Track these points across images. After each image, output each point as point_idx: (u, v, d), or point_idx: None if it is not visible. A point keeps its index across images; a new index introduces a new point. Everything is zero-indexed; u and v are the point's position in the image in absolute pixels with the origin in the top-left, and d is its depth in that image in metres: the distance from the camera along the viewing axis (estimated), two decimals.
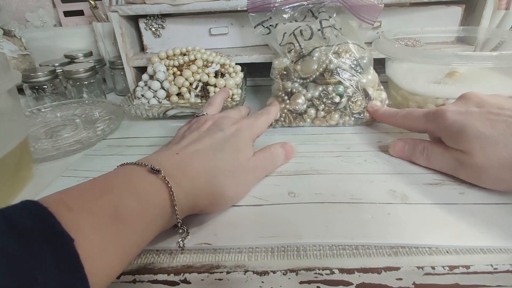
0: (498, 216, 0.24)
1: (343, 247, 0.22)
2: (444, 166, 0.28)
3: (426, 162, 0.29)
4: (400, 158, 0.32)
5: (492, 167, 0.25)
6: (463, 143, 0.26)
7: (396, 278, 0.21)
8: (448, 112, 0.27)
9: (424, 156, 0.29)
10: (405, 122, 0.32)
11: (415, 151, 0.30)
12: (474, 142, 0.25)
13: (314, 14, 0.43)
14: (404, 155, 0.31)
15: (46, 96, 0.50)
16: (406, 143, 0.31)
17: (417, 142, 0.30)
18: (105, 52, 0.60)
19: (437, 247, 0.22)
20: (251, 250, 0.22)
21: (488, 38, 0.46)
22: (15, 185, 0.30)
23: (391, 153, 0.32)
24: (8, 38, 0.57)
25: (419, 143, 0.30)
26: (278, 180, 0.29)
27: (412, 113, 0.31)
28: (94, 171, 0.32)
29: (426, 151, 0.29)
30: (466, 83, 0.38)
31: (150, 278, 0.21)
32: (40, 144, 0.39)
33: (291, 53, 0.40)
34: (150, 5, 0.46)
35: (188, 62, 0.43)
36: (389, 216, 0.24)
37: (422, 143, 0.30)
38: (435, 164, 0.29)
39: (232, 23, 0.49)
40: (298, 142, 0.36)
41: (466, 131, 0.26)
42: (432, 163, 0.29)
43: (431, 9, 0.47)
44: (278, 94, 0.39)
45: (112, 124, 0.42)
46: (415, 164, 0.30)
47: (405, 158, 0.31)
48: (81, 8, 0.66)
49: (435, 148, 0.29)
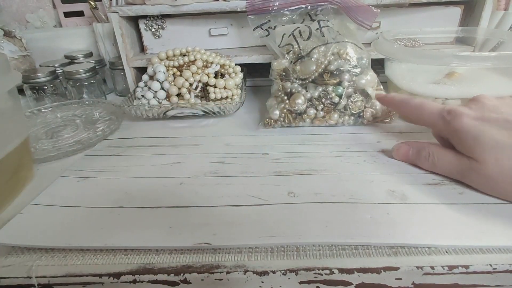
0: (497, 216, 0.24)
1: (342, 247, 0.22)
2: (451, 172, 0.28)
3: (431, 167, 0.29)
4: (404, 162, 0.31)
5: (504, 179, 0.24)
6: (477, 151, 0.25)
7: (396, 278, 0.21)
8: (464, 116, 0.26)
9: (430, 162, 0.29)
10: (415, 112, 0.31)
11: (419, 156, 0.29)
12: (489, 151, 0.24)
13: (312, 18, 0.43)
14: (408, 159, 0.30)
15: (47, 96, 0.50)
16: (410, 146, 0.30)
17: (422, 147, 0.29)
18: (105, 52, 0.61)
19: (437, 247, 0.22)
20: (251, 250, 0.22)
21: (487, 39, 0.46)
22: (16, 185, 0.30)
23: (394, 157, 0.31)
24: (8, 38, 0.57)
25: (424, 148, 0.29)
26: (278, 180, 0.29)
27: (425, 106, 0.30)
28: (94, 171, 0.32)
29: (432, 157, 0.28)
30: (465, 83, 0.38)
31: (150, 278, 0.21)
32: (41, 144, 0.39)
33: (290, 54, 0.40)
34: (150, 6, 0.46)
35: (188, 63, 0.43)
36: (389, 216, 0.24)
37: (427, 148, 0.29)
38: (440, 170, 0.28)
39: (231, 24, 0.49)
40: (298, 142, 0.36)
41: (482, 139, 0.24)
42: (437, 169, 0.28)
43: (430, 10, 0.47)
44: (278, 94, 0.40)
45: (112, 124, 0.42)
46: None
47: (409, 162, 0.31)
48: (81, 9, 0.66)
49: (441, 154, 0.28)
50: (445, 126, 0.28)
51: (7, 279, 0.21)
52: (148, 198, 0.28)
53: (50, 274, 0.22)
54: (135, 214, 0.26)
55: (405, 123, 0.40)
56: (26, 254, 0.23)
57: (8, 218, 0.26)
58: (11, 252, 0.23)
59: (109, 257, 0.23)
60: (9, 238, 0.24)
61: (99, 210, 0.26)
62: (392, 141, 0.35)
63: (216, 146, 0.36)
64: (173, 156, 0.34)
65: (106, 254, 0.23)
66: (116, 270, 0.21)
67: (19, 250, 0.24)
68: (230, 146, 0.36)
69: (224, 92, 0.43)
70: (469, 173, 0.26)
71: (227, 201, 0.27)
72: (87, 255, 0.23)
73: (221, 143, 0.37)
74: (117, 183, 0.30)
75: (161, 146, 0.37)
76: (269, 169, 0.31)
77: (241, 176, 0.30)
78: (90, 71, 0.51)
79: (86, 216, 0.26)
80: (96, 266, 0.22)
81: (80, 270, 0.22)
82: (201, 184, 0.29)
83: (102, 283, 0.21)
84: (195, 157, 0.34)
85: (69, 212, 0.26)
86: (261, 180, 0.29)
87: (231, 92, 0.43)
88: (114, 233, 0.24)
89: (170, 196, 0.28)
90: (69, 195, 0.29)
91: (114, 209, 0.26)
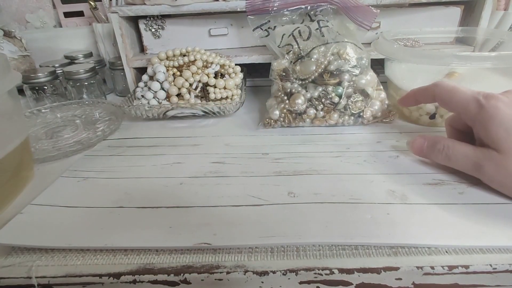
0: (497, 216, 0.24)
1: (342, 247, 0.22)
2: (465, 165, 0.27)
3: (445, 160, 0.28)
4: (418, 155, 0.31)
5: None
6: (504, 140, 0.24)
7: (396, 278, 0.21)
8: (501, 103, 0.25)
9: (444, 155, 0.28)
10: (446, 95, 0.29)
11: (434, 149, 0.29)
12: None
13: (312, 18, 0.43)
14: (423, 152, 0.30)
15: (46, 97, 0.50)
16: (425, 140, 0.30)
17: (438, 140, 0.29)
18: (105, 53, 0.61)
19: (437, 247, 0.22)
20: (251, 250, 0.23)
21: (487, 39, 0.46)
22: (16, 185, 0.30)
23: (410, 150, 0.31)
24: (8, 39, 0.57)
25: (439, 141, 0.29)
26: (278, 180, 0.29)
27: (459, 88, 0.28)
28: (94, 171, 0.32)
29: (447, 150, 0.28)
30: (465, 83, 0.38)
31: (150, 278, 0.21)
32: (41, 144, 0.39)
33: (290, 54, 0.40)
34: (150, 6, 0.46)
35: (188, 63, 0.43)
36: (389, 216, 0.24)
37: (442, 141, 0.29)
38: (454, 163, 0.28)
39: (231, 24, 0.49)
40: (298, 142, 0.36)
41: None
42: (451, 162, 0.28)
43: (430, 10, 0.47)
44: (278, 94, 0.40)
45: (112, 124, 0.42)
46: (418, 163, 0.30)
47: (423, 156, 0.31)
48: (81, 9, 0.66)
49: (457, 147, 0.28)
50: (476, 109, 0.26)
51: (7, 279, 0.21)
52: (148, 198, 0.28)
53: (50, 275, 0.22)
54: (135, 214, 0.26)
55: (405, 123, 0.40)
56: (26, 254, 0.23)
57: (8, 218, 0.26)
58: (11, 252, 0.23)
59: (109, 257, 0.23)
60: (9, 238, 0.24)
61: (99, 210, 0.26)
62: (392, 141, 0.35)
63: (216, 146, 0.36)
64: (173, 156, 0.34)
65: (106, 254, 0.23)
66: (116, 270, 0.21)
67: (19, 250, 0.24)
68: (230, 146, 0.36)
69: (224, 92, 0.43)
70: (485, 164, 0.25)
71: (227, 201, 0.27)
72: (87, 255, 0.23)
73: (221, 143, 0.37)
74: (117, 183, 0.30)
75: (161, 146, 0.37)
76: (269, 169, 0.31)
77: (241, 176, 0.30)
78: (90, 71, 0.51)
79: (86, 216, 0.26)
80: (96, 266, 0.22)
81: (80, 270, 0.22)
82: (201, 184, 0.29)
83: (102, 283, 0.21)
84: (195, 157, 0.34)
85: (69, 212, 0.26)
86: (261, 180, 0.29)
87: (231, 92, 0.43)
88: (114, 233, 0.24)
89: (170, 196, 0.28)
90: (69, 195, 0.29)
91: (114, 209, 0.26)
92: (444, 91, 0.29)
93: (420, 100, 0.33)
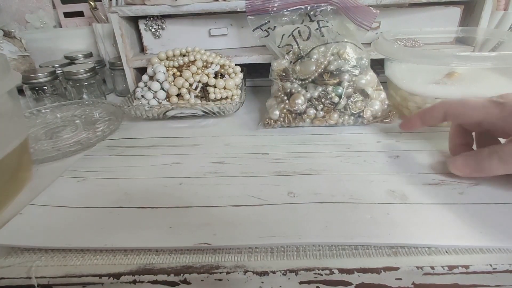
0: (497, 216, 0.24)
1: (342, 247, 0.22)
2: None
3: (500, 165, 0.25)
4: (467, 175, 0.28)
5: None
6: None
7: (396, 278, 0.21)
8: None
9: (497, 159, 0.25)
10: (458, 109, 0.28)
11: (482, 159, 0.26)
12: None
13: (311, 18, 0.43)
14: (471, 168, 0.27)
15: (46, 97, 0.50)
16: (466, 156, 0.28)
17: (478, 150, 0.27)
18: (105, 53, 0.61)
19: (437, 247, 0.22)
20: (251, 250, 0.22)
21: (487, 39, 0.46)
22: (15, 186, 0.30)
23: (455, 173, 0.28)
24: (8, 39, 0.57)
25: (481, 150, 0.27)
26: (278, 180, 0.29)
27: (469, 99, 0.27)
28: (94, 171, 0.32)
29: (496, 153, 0.25)
30: (465, 83, 0.38)
31: (150, 278, 0.21)
32: (40, 145, 0.39)
33: (290, 54, 0.40)
34: (149, 6, 0.46)
35: (187, 63, 0.43)
36: (389, 216, 0.24)
37: (484, 149, 0.26)
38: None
39: (231, 24, 0.49)
40: (298, 142, 0.36)
41: None
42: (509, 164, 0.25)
43: (430, 10, 0.47)
44: (278, 94, 0.40)
45: (112, 125, 0.42)
46: (418, 163, 0.30)
47: (473, 173, 0.27)
48: (81, 9, 0.66)
49: (505, 146, 0.25)
50: (498, 109, 0.26)
51: (6, 280, 0.21)
52: (147, 198, 0.28)
53: (49, 275, 0.22)
54: (135, 214, 0.26)
55: None
56: (25, 255, 0.23)
57: (8, 218, 0.26)
58: (11, 253, 0.23)
59: (109, 257, 0.22)
60: (8, 239, 0.24)
61: (99, 210, 0.26)
62: (392, 141, 0.35)
63: (216, 146, 0.36)
64: (173, 157, 0.34)
65: (106, 255, 0.23)
66: (116, 271, 0.21)
67: (18, 250, 0.24)
68: (230, 146, 0.36)
69: (224, 92, 0.43)
70: None
71: (227, 201, 0.27)
72: (86, 256, 0.23)
73: (221, 143, 0.37)
74: (116, 184, 0.30)
75: (161, 146, 0.37)
76: (269, 169, 0.31)
77: (241, 176, 0.30)
78: (90, 71, 0.51)
79: (85, 217, 0.26)
80: (96, 266, 0.22)
81: (80, 271, 0.22)
82: (201, 184, 0.29)
83: (102, 283, 0.21)
84: (195, 157, 0.34)
85: (68, 213, 0.26)
86: (261, 180, 0.29)
87: (231, 92, 0.43)
88: (113, 234, 0.24)
89: (170, 196, 0.28)
90: (68, 196, 0.29)
91: (114, 209, 0.26)
92: (456, 106, 0.28)
93: (427, 121, 0.31)
